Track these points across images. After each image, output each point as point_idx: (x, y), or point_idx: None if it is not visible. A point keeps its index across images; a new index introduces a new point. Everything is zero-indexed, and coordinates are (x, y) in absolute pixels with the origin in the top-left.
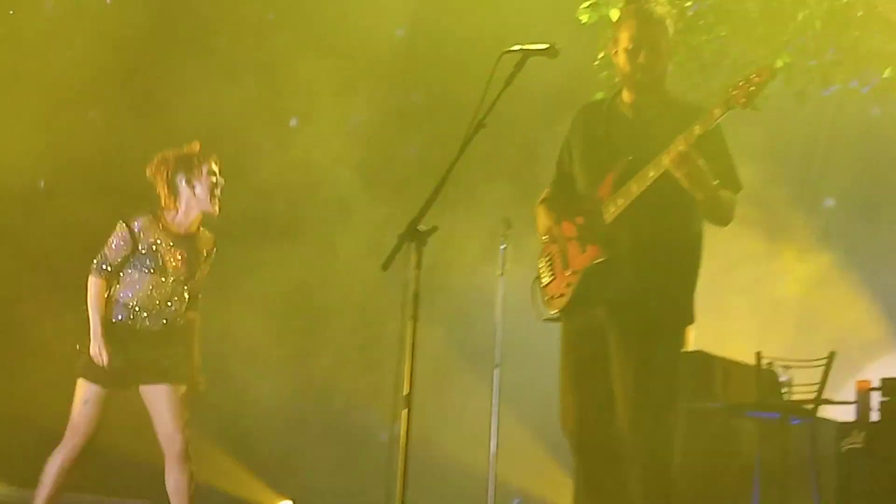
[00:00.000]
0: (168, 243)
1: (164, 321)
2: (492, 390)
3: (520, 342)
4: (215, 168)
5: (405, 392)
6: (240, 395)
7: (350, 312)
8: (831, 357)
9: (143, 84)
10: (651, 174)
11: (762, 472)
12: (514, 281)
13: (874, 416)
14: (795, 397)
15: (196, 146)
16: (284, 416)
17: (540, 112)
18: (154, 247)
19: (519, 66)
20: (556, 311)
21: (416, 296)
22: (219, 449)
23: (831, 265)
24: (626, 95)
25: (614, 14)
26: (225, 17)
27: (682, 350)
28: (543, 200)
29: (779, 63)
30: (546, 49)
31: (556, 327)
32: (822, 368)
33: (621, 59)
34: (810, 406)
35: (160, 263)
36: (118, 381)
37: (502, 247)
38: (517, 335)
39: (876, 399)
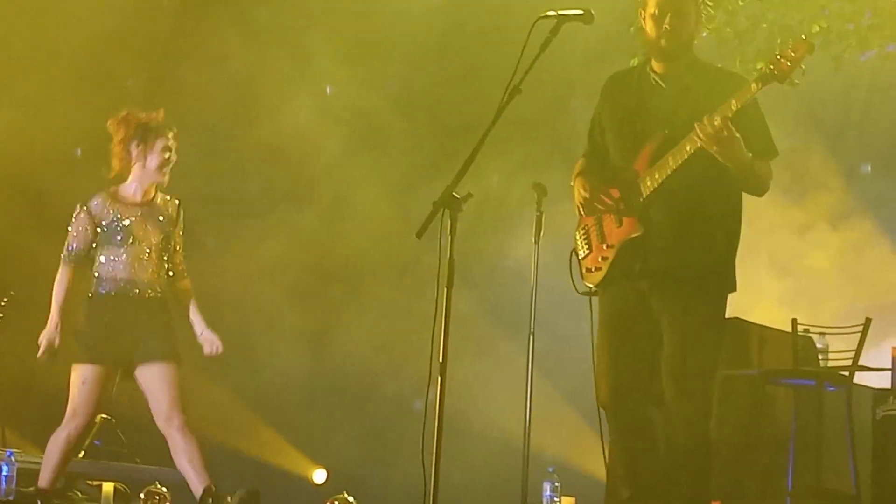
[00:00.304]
0: (131, 214)
1: (154, 292)
2: (527, 359)
3: (554, 310)
4: (172, 143)
5: (439, 360)
6: (274, 366)
7: (384, 280)
8: (867, 324)
9: (180, 53)
10: (688, 148)
11: (797, 438)
12: (549, 248)
13: None
14: (831, 364)
15: (160, 115)
16: (319, 386)
17: (575, 78)
18: (116, 220)
19: (554, 31)
20: (593, 284)
21: (451, 263)
22: (255, 419)
23: (867, 231)
24: (655, 64)
25: None
26: None
27: (724, 317)
28: (579, 173)
29: (815, 28)
30: (581, 14)
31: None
32: (858, 335)
33: (648, 26)
34: (846, 373)
35: (130, 235)
36: (112, 357)
37: (536, 213)
38: (552, 303)
39: None
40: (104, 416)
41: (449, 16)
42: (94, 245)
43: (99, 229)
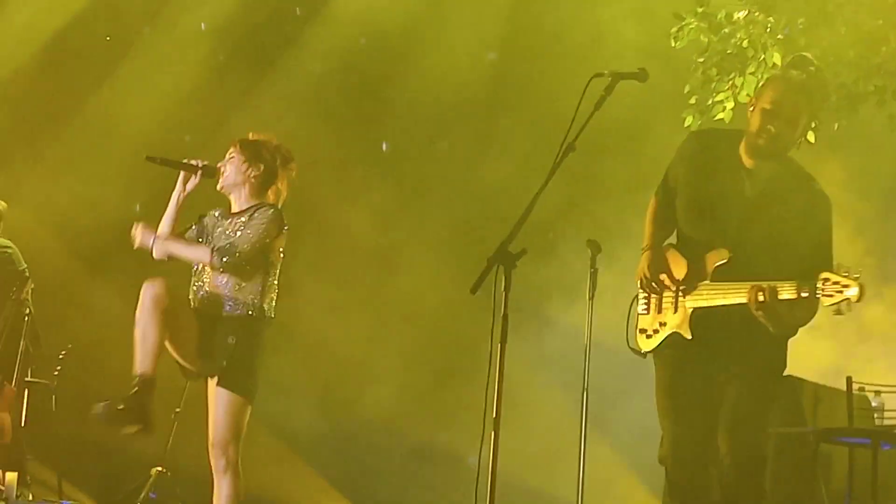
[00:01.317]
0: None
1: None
2: (580, 416)
3: (608, 367)
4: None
5: (493, 416)
6: (328, 413)
7: (440, 335)
8: None
9: (235, 117)
10: (736, 299)
11: (852, 498)
12: (604, 305)
13: None
14: (887, 423)
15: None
16: (373, 437)
17: (626, 136)
18: None
19: (609, 89)
20: (646, 350)
21: (505, 318)
22: (304, 463)
23: None
24: (744, 153)
25: (704, 38)
26: (316, 41)
27: (784, 368)
28: (649, 246)
29: (869, 87)
30: (637, 73)
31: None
32: None
33: (754, 117)
34: None
35: None
36: None
37: (591, 270)
38: (605, 360)
39: None
40: (160, 468)
41: (503, 73)
42: None
43: None
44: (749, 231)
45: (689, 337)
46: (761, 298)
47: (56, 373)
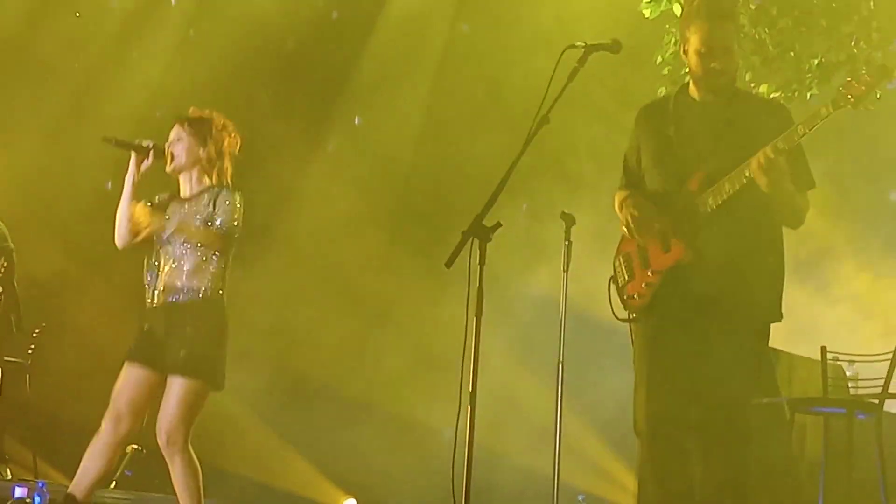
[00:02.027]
0: None
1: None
2: (556, 388)
3: (582, 340)
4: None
5: (469, 390)
6: (306, 393)
7: (412, 309)
8: None
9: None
10: (746, 174)
11: (827, 466)
12: (577, 277)
13: None
14: (861, 392)
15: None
16: (348, 414)
17: (600, 107)
18: None
19: (581, 61)
20: (634, 311)
21: (480, 292)
22: (285, 449)
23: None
24: (694, 92)
25: (677, 9)
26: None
27: (766, 346)
28: (627, 196)
29: (842, 56)
30: (609, 44)
31: (623, 326)
32: (888, 363)
33: (692, 62)
34: (876, 401)
35: None
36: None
37: (565, 243)
38: (580, 333)
39: None
40: (135, 446)
41: (475, 44)
42: None
43: None
44: (723, 148)
45: (691, 258)
46: (771, 154)
47: (30, 351)
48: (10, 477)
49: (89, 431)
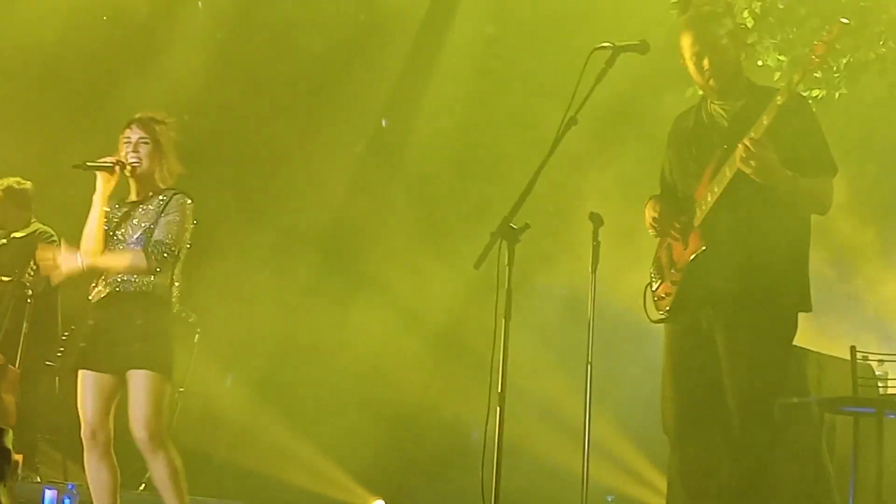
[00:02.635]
0: None
1: None
2: (585, 388)
3: (611, 341)
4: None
5: (498, 390)
6: (332, 396)
7: (442, 311)
8: None
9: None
10: (727, 177)
11: (857, 466)
12: (606, 278)
13: None
14: (891, 392)
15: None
16: (377, 416)
17: (625, 108)
18: None
19: (609, 62)
20: (664, 311)
21: (509, 293)
22: (306, 441)
23: None
24: (709, 100)
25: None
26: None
27: (793, 337)
28: (648, 201)
29: (871, 55)
30: (637, 45)
31: (650, 327)
32: None
33: (689, 69)
34: None
35: None
36: None
37: (593, 244)
38: (609, 334)
39: None
40: None
41: (503, 45)
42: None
43: None
44: (733, 140)
45: (705, 246)
46: (749, 149)
47: (59, 354)
48: (38, 480)
49: (118, 433)
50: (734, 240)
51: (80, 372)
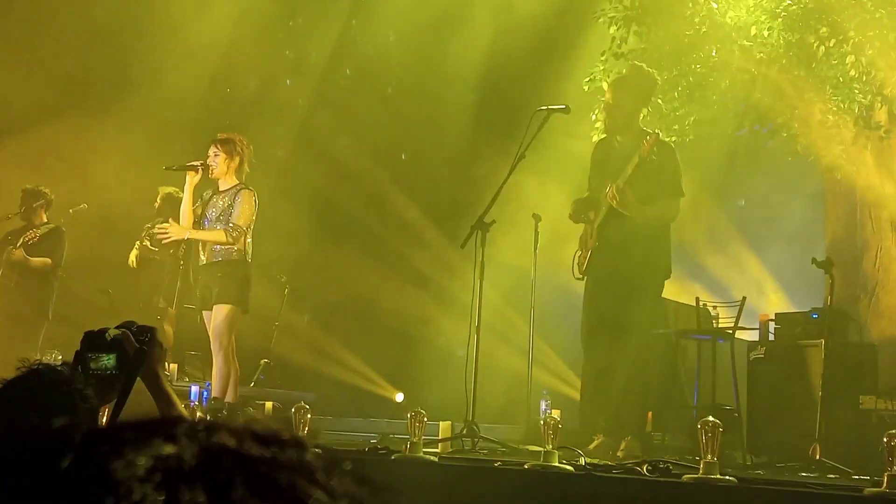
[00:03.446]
0: None
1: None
2: (529, 325)
3: (548, 295)
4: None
5: (476, 324)
6: (366, 326)
7: (440, 275)
8: (743, 301)
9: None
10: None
11: (700, 375)
12: (543, 254)
13: (770, 337)
14: (721, 325)
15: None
16: (397, 341)
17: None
18: None
19: (545, 120)
20: (581, 273)
21: (482, 265)
22: (354, 356)
23: (742, 246)
24: (609, 134)
25: (605, 85)
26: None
27: (660, 294)
28: (574, 200)
29: (708, 114)
30: (563, 108)
31: (574, 282)
32: (738, 308)
33: (605, 107)
34: (730, 331)
35: None
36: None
37: (535, 233)
38: (546, 288)
39: (771, 326)
40: (266, 360)
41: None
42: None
43: None
44: (619, 172)
45: (598, 244)
46: (614, 193)
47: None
48: (187, 380)
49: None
50: (619, 236)
51: (203, 312)
